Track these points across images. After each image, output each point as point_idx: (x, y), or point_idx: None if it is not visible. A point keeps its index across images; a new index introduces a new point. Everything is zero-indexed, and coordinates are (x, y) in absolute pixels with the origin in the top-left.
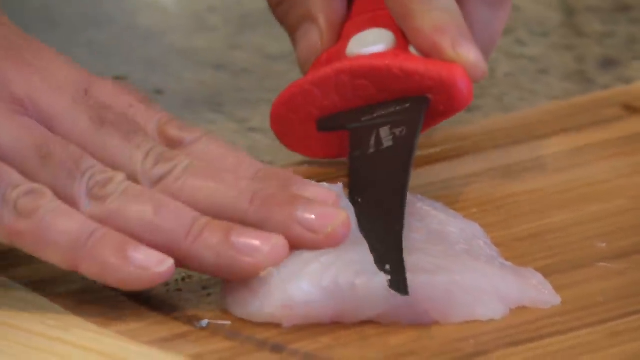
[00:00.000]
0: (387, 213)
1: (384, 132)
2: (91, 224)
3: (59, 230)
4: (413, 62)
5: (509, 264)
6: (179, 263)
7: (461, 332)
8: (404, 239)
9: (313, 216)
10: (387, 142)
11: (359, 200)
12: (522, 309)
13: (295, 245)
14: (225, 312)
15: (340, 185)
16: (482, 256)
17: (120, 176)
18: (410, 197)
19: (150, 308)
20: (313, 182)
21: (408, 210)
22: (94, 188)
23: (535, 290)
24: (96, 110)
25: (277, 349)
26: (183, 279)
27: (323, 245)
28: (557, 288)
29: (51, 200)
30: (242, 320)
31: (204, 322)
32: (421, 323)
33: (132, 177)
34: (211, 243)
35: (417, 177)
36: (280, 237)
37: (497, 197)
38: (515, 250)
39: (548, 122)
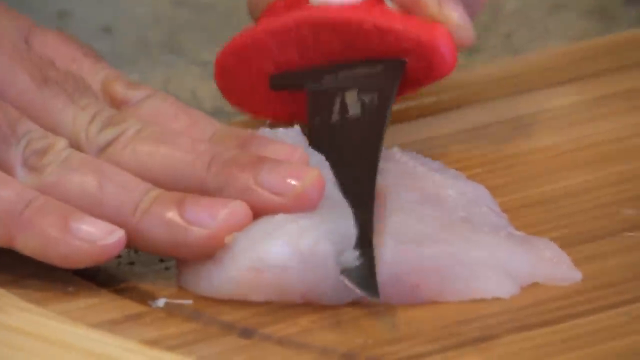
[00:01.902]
0: (354, 193)
1: (350, 97)
2: (28, 192)
3: None
4: (389, 18)
5: (519, 233)
6: (127, 243)
7: (463, 313)
8: (394, 199)
9: (278, 177)
10: (354, 109)
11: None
12: (534, 286)
13: (262, 212)
14: (186, 290)
15: (297, 128)
16: (485, 225)
17: (61, 143)
18: (402, 155)
19: (98, 284)
20: (275, 139)
21: (400, 169)
22: (30, 157)
23: (550, 265)
24: (38, 66)
25: (246, 333)
26: (136, 251)
27: (293, 209)
28: (576, 262)
29: None
30: (205, 298)
31: (161, 301)
32: (415, 302)
33: (76, 144)
34: (161, 218)
35: (411, 131)
36: (238, 202)
37: (505, 155)
38: (527, 218)
39: (563, 67)
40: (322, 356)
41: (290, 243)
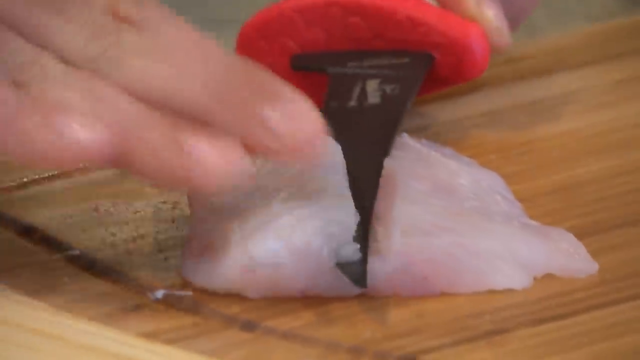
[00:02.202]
0: (359, 183)
1: (372, 85)
2: (7, 91)
3: None
4: (424, 10)
5: (534, 223)
6: (116, 164)
7: (474, 306)
8: (404, 188)
9: (280, 115)
10: (373, 98)
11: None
12: (549, 278)
13: (255, 151)
14: (186, 281)
15: None
16: (497, 214)
17: (45, 58)
18: (413, 143)
19: (93, 275)
20: (294, 97)
21: (413, 156)
22: (14, 72)
23: (566, 256)
24: None
25: (248, 326)
26: (134, 240)
27: (288, 154)
28: (594, 253)
29: None
30: (206, 290)
31: (160, 293)
32: (424, 294)
33: (66, 57)
34: (155, 142)
35: (423, 116)
36: (233, 142)
37: (521, 141)
38: (543, 207)
39: (584, 49)
40: (328, 350)
41: (282, 238)
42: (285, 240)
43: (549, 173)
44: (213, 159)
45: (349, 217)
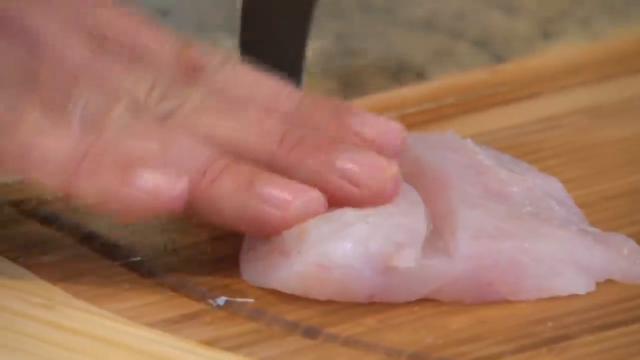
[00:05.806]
0: (284, 64)
1: None
2: (88, 141)
3: (46, 148)
4: None
5: (592, 229)
6: (191, 211)
7: (537, 312)
8: (458, 191)
9: (357, 165)
10: None
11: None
12: (611, 284)
13: (333, 200)
14: (247, 288)
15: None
16: (554, 219)
17: (120, 107)
18: (468, 147)
19: (154, 282)
20: (370, 113)
21: (465, 161)
22: (88, 119)
23: (627, 261)
24: (92, 33)
25: (311, 332)
26: (195, 246)
27: (367, 202)
28: None
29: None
30: (267, 297)
31: (221, 300)
32: (487, 300)
33: (134, 114)
34: (231, 189)
35: (484, 121)
36: (315, 191)
37: (582, 145)
38: (605, 212)
39: None
40: (390, 357)
41: (359, 244)
42: (363, 246)
43: (611, 178)
44: (292, 206)
45: (419, 223)
